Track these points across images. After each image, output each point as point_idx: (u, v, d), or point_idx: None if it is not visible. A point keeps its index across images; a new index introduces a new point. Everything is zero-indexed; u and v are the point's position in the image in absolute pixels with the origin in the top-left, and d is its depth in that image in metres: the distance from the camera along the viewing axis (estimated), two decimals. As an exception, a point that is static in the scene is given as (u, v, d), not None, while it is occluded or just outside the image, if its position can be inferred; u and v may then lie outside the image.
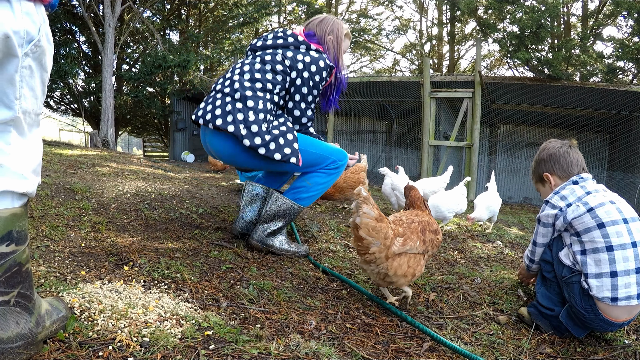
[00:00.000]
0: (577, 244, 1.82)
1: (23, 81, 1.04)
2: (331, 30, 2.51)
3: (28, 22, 1.01)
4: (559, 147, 2.05)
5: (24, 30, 1.00)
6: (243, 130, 2.16)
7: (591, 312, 1.73)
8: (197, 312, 1.52)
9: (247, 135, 2.17)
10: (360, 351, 1.45)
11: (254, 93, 2.25)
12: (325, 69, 2.39)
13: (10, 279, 1.06)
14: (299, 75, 2.35)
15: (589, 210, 1.79)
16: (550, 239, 1.98)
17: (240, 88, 2.25)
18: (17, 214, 1.06)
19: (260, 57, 2.38)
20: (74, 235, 2.15)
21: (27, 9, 1.01)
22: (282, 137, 2.25)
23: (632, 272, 1.68)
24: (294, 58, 2.35)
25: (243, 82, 2.27)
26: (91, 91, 12.99)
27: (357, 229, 1.73)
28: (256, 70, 2.31)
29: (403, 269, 1.79)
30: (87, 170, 4.04)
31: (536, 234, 2.02)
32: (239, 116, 2.18)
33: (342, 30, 2.55)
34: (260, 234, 2.40)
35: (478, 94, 8.99)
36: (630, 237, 1.71)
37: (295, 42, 2.40)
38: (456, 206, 3.63)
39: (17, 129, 1.06)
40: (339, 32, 2.53)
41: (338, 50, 2.53)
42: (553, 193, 1.96)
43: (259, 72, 2.30)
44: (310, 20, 2.59)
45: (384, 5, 22.21)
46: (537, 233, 2.01)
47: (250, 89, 2.26)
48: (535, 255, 2.06)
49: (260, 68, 2.31)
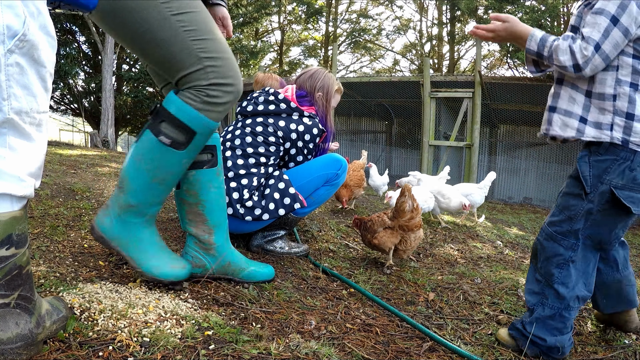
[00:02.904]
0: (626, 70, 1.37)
1: (11, 80, 0.98)
2: (321, 86, 2.47)
3: (9, 16, 0.94)
4: None
5: (2, 25, 0.93)
6: (241, 209, 2.19)
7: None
8: (197, 312, 1.52)
9: (246, 213, 2.20)
10: (360, 351, 1.45)
11: (248, 170, 2.24)
12: (318, 135, 2.39)
13: (11, 282, 1.05)
14: (293, 145, 2.34)
15: None
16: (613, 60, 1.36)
17: (232, 167, 2.24)
18: (17, 217, 1.04)
19: (250, 127, 2.32)
20: (74, 235, 2.15)
21: (9, 2, 0.94)
22: (276, 192, 2.24)
23: None
24: (287, 128, 2.32)
25: (235, 161, 2.25)
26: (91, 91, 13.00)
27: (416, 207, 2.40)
28: (248, 145, 2.27)
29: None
30: (87, 170, 4.04)
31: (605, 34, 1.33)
32: (234, 195, 2.19)
33: (332, 87, 2.52)
34: (261, 240, 2.41)
35: (478, 94, 8.99)
36: None
37: (288, 109, 2.35)
38: (423, 203, 3.55)
39: (14, 130, 1.02)
40: (329, 89, 2.50)
41: (327, 107, 2.51)
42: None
43: (251, 146, 2.27)
44: (302, 72, 2.55)
45: (384, 5, 22.22)
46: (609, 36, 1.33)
47: (244, 166, 2.24)
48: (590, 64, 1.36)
49: (252, 142, 2.28)
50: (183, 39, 1.43)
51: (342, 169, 2.45)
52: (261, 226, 2.33)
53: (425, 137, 9.49)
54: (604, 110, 1.42)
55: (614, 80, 1.40)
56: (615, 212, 1.48)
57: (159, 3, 1.39)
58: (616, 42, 1.35)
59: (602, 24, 1.35)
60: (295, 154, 2.39)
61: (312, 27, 21.17)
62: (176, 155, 1.51)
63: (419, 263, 2.76)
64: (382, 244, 2.43)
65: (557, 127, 1.53)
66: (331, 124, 2.56)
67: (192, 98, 1.48)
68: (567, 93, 1.51)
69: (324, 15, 19.68)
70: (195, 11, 1.46)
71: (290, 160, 2.42)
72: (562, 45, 1.41)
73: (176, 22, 1.41)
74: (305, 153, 2.40)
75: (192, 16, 1.44)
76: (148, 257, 1.60)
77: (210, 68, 1.47)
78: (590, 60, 1.36)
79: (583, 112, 1.47)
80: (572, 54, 1.39)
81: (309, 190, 2.36)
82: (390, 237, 2.42)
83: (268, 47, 18.87)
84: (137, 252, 1.59)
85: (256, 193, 2.23)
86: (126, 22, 1.41)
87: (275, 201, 2.22)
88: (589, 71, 1.39)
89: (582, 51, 1.37)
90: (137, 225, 1.59)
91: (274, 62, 22.52)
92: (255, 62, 16.85)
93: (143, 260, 1.59)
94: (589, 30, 1.37)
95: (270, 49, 20.43)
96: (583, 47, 1.37)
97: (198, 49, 1.45)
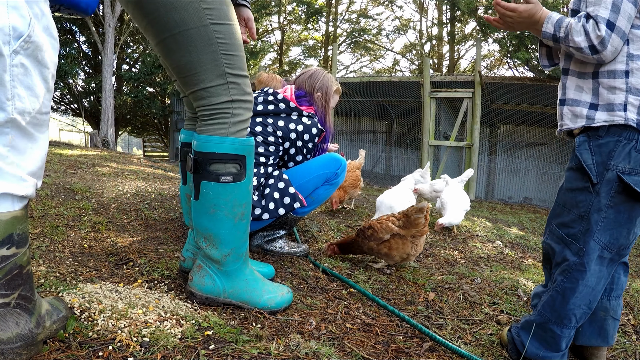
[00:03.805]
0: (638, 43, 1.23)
1: (15, 80, 0.99)
2: (320, 87, 2.47)
3: (14, 17, 0.95)
4: None
5: (8, 26, 0.94)
6: None
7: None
8: (197, 312, 1.52)
9: None
10: (360, 351, 1.45)
11: None
12: (317, 135, 2.39)
13: (11, 282, 1.05)
14: (293, 144, 2.34)
15: None
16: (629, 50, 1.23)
17: None
18: (17, 216, 1.05)
19: (249, 127, 2.31)
20: (74, 235, 2.15)
21: (14, 3, 0.94)
22: (276, 191, 2.23)
23: None
24: (286, 128, 2.31)
25: None
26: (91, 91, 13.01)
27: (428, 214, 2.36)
28: None
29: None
30: (87, 170, 4.04)
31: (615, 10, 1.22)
32: None
33: (331, 87, 2.52)
34: (260, 240, 2.41)
35: (478, 94, 8.99)
36: None
37: (287, 108, 2.35)
38: (400, 205, 3.46)
39: (16, 130, 1.03)
40: (328, 89, 2.50)
41: (326, 108, 2.51)
42: None
43: None
44: (301, 73, 2.55)
45: (384, 5, 22.22)
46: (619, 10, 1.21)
47: None
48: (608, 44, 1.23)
49: None
50: (215, 50, 1.39)
51: (341, 168, 2.45)
52: (261, 226, 2.33)
53: (425, 137, 9.49)
54: (615, 90, 1.27)
55: (624, 55, 1.25)
56: (629, 205, 1.29)
57: (202, 8, 1.35)
58: (629, 15, 1.22)
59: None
60: (294, 154, 2.39)
61: (312, 27, 21.18)
62: (242, 185, 1.51)
63: (419, 263, 2.76)
64: (400, 253, 2.38)
65: (567, 120, 1.39)
66: (330, 124, 2.57)
67: (220, 126, 1.45)
68: (574, 82, 1.38)
69: (324, 15, 19.68)
70: (231, 24, 1.42)
71: (289, 160, 2.41)
72: (576, 25, 1.27)
73: (213, 31, 1.38)
74: (304, 153, 2.40)
75: (228, 28, 1.41)
76: (260, 294, 1.62)
77: (233, 85, 1.45)
78: (606, 40, 1.22)
79: (592, 97, 1.32)
80: (587, 34, 1.24)
81: (309, 190, 2.36)
82: (404, 246, 2.37)
83: (268, 47, 18.87)
84: (249, 294, 1.61)
85: (256, 193, 2.23)
86: (161, 18, 1.35)
87: (275, 201, 2.22)
88: (610, 53, 1.24)
89: (595, 31, 1.22)
90: (239, 270, 1.60)
91: (274, 62, 22.52)
92: (255, 62, 16.85)
93: (257, 298, 1.61)
94: (596, 9, 1.24)
95: (270, 49, 20.43)
96: (595, 26, 1.23)
97: (226, 64, 1.42)
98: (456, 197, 3.73)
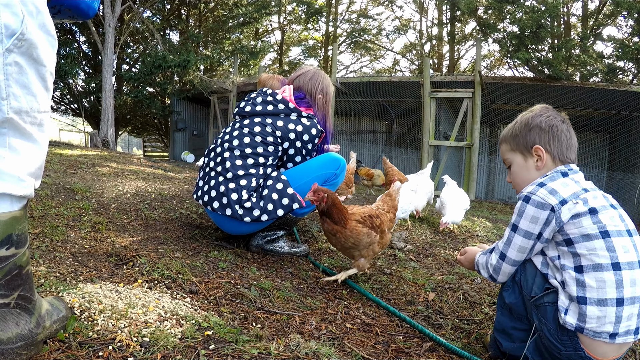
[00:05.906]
0: (567, 257, 1.34)
1: (10, 79, 0.97)
2: (322, 89, 2.50)
3: (6, 15, 0.93)
4: (561, 122, 1.53)
5: (0, 25, 0.92)
6: (240, 210, 2.19)
7: (570, 347, 1.32)
8: (197, 312, 1.52)
9: (245, 214, 2.20)
10: (360, 351, 1.45)
11: (246, 171, 2.23)
12: (317, 136, 2.39)
13: (11, 282, 1.05)
14: (292, 145, 2.34)
15: (590, 211, 1.32)
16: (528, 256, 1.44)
17: (231, 167, 2.23)
18: (16, 217, 1.04)
19: (248, 127, 2.31)
20: (74, 235, 2.15)
21: (6, 2, 0.93)
22: (275, 192, 2.22)
23: (637, 300, 1.27)
24: (285, 128, 2.31)
25: (234, 161, 2.24)
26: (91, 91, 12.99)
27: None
28: (246, 145, 2.26)
29: None
30: (87, 170, 4.04)
31: (507, 243, 1.45)
32: (233, 197, 2.19)
33: (330, 89, 2.56)
34: (261, 241, 2.41)
35: (478, 94, 8.99)
36: (637, 254, 1.31)
37: (286, 109, 2.35)
38: (408, 205, 3.46)
39: (14, 130, 1.01)
40: (328, 91, 2.54)
41: (327, 109, 2.54)
42: (537, 185, 1.42)
43: (249, 147, 2.26)
44: (300, 74, 2.53)
45: (384, 5, 22.22)
46: (511, 243, 1.44)
47: (242, 167, 2.23)
48: (500, 273, 1.50)
49: (250, 142, 2.27)
50: None
51: (340, 168, 2.45)
52: (260, 227, 2.33)
53: (425, 137, 9.49)
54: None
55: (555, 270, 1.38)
56: None
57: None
58: (520, 246, 1.43)
59: (506, 234, 1.47)
60: (293, 154, 2.38)
61: (312, 27, 21.17)
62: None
63: (419, 263, 2.75)
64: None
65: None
66: (330, 126, 2.57)
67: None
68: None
69: (324, 15, 19.67)
70: None
71: (288, 161, 2.41)
72: (481, 260, 1.60)
73: None
74: (304, 154, 2.39)
75: None
76: None
77: None
78: (499, 269, 1.50)
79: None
80: (485, 267, 1.55)
81: (308, 190, 2.36)
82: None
83: (268, 47, 18.85)
84: None
85: (254, 194, 2.23)
86: None
87: (273, 202, 2.21)
88: (501, 278, 1.51)
89: (490, 263, 1.53)
90: None
91: (274, 62, 22.52)
92: (255, 62, 16.84)
93: None
94: (499, 242, 1.52)
95: (270, 49, 20.42)
96: (492, 258, 1.53)
97: None
98: (455, 196, 3.73)
